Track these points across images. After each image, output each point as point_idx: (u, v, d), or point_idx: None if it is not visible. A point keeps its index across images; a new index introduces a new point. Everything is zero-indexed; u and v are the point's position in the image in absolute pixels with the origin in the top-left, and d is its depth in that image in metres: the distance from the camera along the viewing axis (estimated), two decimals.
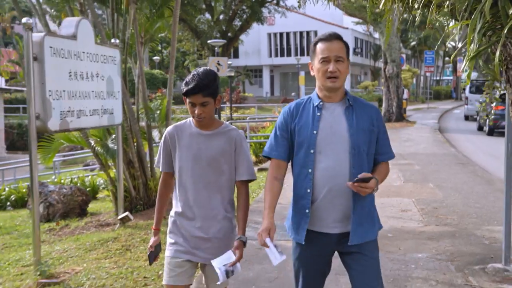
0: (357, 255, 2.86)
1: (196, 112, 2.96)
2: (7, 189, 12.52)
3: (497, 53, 2.61)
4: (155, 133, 9.26)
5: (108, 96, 7.15)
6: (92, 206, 10.39)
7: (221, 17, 38.90)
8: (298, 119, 2.90)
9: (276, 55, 56.25)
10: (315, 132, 2.83)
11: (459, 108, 37.04)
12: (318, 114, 2.85)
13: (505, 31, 2.56)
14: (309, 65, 2.94)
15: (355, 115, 2.84)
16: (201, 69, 3.01)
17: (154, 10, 8.70)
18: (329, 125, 2.84)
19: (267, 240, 2.72)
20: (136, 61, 9.12)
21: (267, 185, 2.95)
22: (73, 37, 6.32)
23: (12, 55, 44.93)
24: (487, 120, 19.37)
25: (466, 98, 26.74)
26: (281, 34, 55.26)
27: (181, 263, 3.09)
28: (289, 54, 54.94)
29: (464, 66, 2.82)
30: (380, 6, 3.36)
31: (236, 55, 54.30)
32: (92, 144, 8.36)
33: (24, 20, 5.60)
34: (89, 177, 12.52)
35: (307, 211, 2.85)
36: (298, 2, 5.49)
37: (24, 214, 10.71)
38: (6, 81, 38.50)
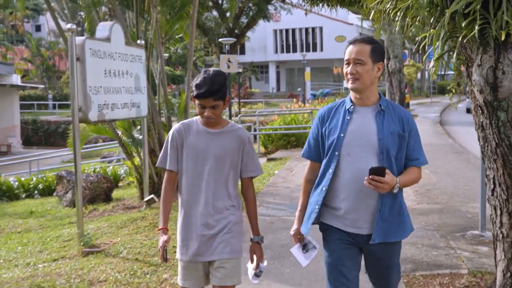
0: (377, 254, 2.97)
1: (205, 114, 3.01)
2: (34, 178, 13.42)
3: (454, 55, 3.49)
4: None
5: (136, 91, 8.04)
6: (115, 193, 11.28)
7: (228, 14, 39.74)
8: (329, 123, 2.98)
9: (282, 51, 56.77)
10: (342, 135, 2.89)
11: (462, 102, 37.71)
12: (348, 117, 2.92)
13: (460, 39, 3.44)
14: None
15: (385, 120, 2.89)
16: (211, 71, 3.03)
17: (173, 13, 9.56)
18: (358, 128, 2.89)
19: (294, 248, 3.06)
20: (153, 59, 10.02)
21: (302, 188, 3.15)
22: (107, 39, 7.21)
23: (24, 53, 46.09)
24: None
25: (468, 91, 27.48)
26: (286, 30, 55.75)
27: (194, 266, 3.12)
28: (294, 50, 55.49)
29: (431, 66, 3.70)
30: (370, 18, 4.23)
31: (242, 52, 54.94)
32: (120, 134, 9.26)
33: (68, 25, 6.46)
34: (111, 167, 13.41)
35: (317, 207, 2.98)
36: (305, 10, 6.31)
37: (53, 201, 11.62)
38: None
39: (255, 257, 3.14)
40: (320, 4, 5.84)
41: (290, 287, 4.80)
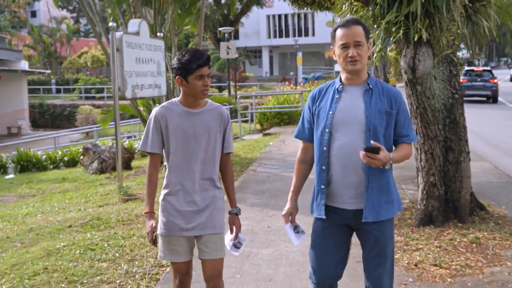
0: (370, 234, 2.94)
1: (207, 83, 3.09)
2: (60, 152, 15.20)
3: (388, 49, 5.40)
4: None
5: (158, 75, 9.88)
6: (133, 163, 13.04)
7: (223, 1, 41.16)
8: (319, 103, 3.04)
9: (275, 36, 57.97)
10: (331, 112, 2.94)
11: None
12: (337, 96, 2.97)
13: (391, 38, 5.37)
14: (331, 50, 3.04)
15: (373, 98, 2.92)
16: (189, 49, 3.13)
17: (184, 9, 11.37)
18: (347, 106, 2.93)
19: (287, 226, 3.10)
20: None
21: (295, 168, 3.18)
22: (137, 33, 9.03)
23: (27, 39, 47.53)
24: None
25: None
26: (279, 16, 56.90)
27: (178, 241, 3.18)
28: (287, 35, 56.76)
29: (374, 56, 5.62)
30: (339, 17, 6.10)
31: (236, 37, 56.01)
32: (141, 110, 11.13)
33: (110, 23, 8.31)
34: (127, 142, 15.20)
35: (323, 187, 2.98)
36: (293, 12, 8.14)
37: (79, 170, 13.37)
38: None
39: (234, 228, 3.27)
40: (305, 8, 7.73)
41: None
